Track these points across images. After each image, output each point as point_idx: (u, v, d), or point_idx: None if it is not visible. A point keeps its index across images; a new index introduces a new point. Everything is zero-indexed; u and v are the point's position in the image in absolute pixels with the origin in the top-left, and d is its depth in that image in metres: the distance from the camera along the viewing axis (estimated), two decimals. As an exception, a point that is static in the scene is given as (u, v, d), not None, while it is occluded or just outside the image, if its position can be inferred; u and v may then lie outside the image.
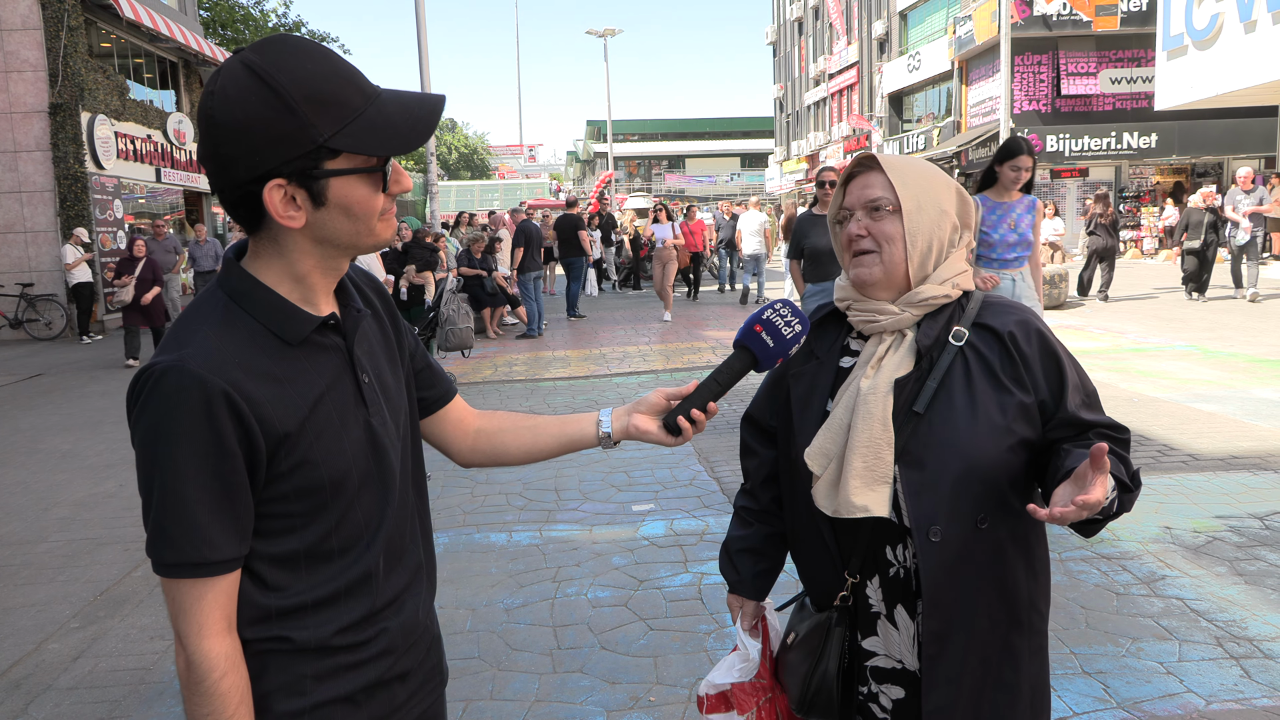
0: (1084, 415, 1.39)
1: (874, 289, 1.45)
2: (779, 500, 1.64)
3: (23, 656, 3.54)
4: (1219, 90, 12.57)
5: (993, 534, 1.38)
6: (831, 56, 39.69)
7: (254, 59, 1.02)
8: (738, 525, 1.68)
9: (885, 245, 1.43)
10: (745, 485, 1.69)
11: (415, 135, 1.07)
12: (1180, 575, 3.73)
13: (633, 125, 68.83)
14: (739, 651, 1.61)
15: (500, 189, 43.04)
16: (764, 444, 1.66)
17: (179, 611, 1.05)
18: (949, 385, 1.39)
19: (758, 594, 1.64)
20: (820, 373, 1.50)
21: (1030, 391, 1.38)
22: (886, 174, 1.45)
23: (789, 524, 1.59)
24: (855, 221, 1.44)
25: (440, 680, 1.32)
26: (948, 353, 1.40)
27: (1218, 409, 6.41)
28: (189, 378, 1.01)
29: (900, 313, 1.43)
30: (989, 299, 1.47)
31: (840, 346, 1.52)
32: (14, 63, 14.91)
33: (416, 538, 1.26)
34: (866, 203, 1.44)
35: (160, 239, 14.32)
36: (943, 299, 1.44)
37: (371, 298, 1.28)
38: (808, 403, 1.49)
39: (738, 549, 1.65)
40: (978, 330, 1.42)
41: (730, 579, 1.65)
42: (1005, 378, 1.38)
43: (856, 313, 1.48)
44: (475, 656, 3.33)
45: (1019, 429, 1.35)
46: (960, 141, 25.00)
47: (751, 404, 1.68)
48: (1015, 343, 1.40)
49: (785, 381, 1.56)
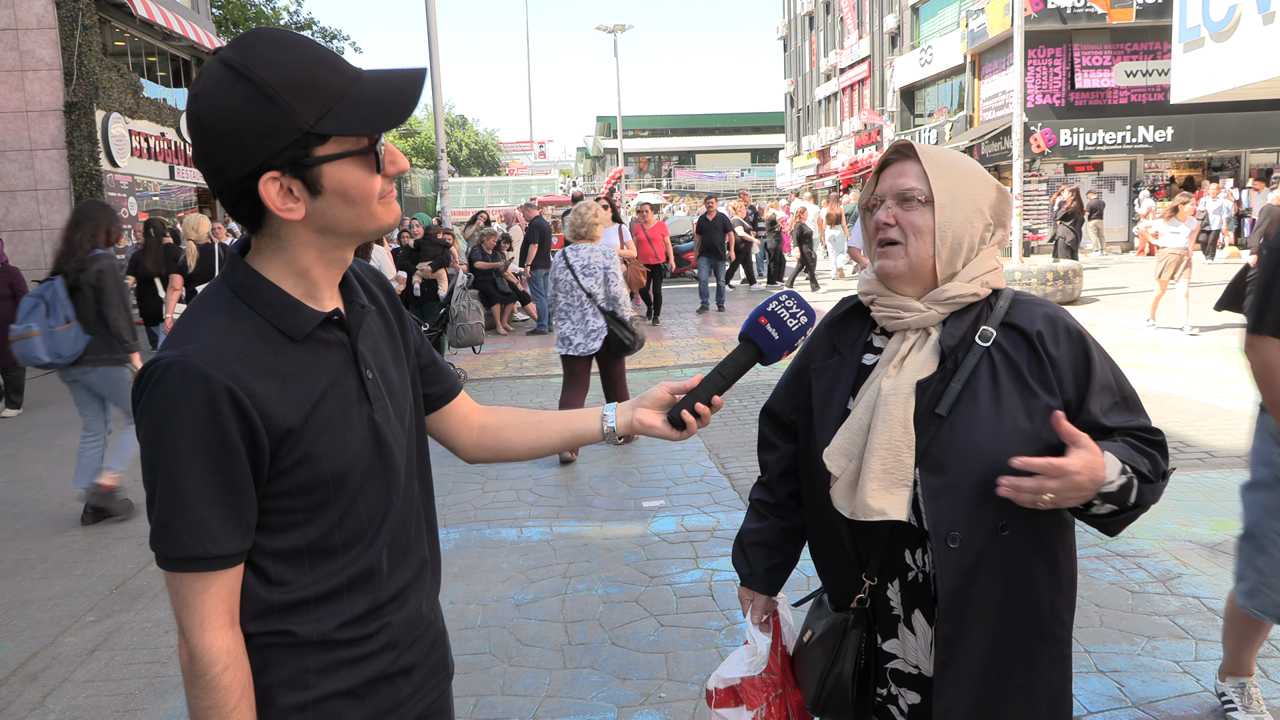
0: (1106, 420, 1.34)
1: (898, 283, 1.41)
2: (796, 495, 1.62)
3: (40, 649, 3.57)
4: (1236, 83, 12.42)
5: (1014, 541, 1.34)
6: (842, 51, 39.50)
7: (230, 55, 1.03)
8: (752, 518, 1.66)
9: (913, 237, 1.39)
10: (762, 478, 1.67)
11: (399, 109, 1.07)
12: (1197, 573, 3.70)
13: (643, 121, 68.73)
14: (748, 645, 1.60)
15: (510, 185, 43.06)
16: (783, 438, 1.63)
17: (182, 605, 1.05)
18: (974, 387, 1.34)
19: (770, 588, 1.63)
20: (842, 369, 1.47)
21: (1057, 394, 1.34)
22: (922, 164, 1.40)
23: (808, 520, 1.57)
24: (885, 209, 1.40)
25: (445, 675, 1.32)
26: (973, 353, 1.36)
27: (1235, 405, 6.34)
28: (192, 373, 1.01)
29: (925, 310, 1.39)
30: (1019, 297, 1.43)
31: (863, 343, 1.48)
32: (29, 62, 15.02)
33: (421, 533, 1.26)
34: (899, 192, 1.40)
35: None
36: (970, 297, 1.39)
37: (377, 293, 1.27)
38: (829, 399, 1.46)
39: (751, 542, 1.63)
40: (1005, 330, 1.38)
41: (742, 572, 1.64)
42: (1033, 380, 1.34)
43: (880, 308, 1.44)
44: (486, 652, 3.33)
45: (1047, 434, 1.29)
46: (973, 136, 24.83)
47: (771, 397, 1.66)
48: (1043, 342, 1.35)
49: (807, 376, 1.53)
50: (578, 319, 5.86)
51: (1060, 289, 12.57)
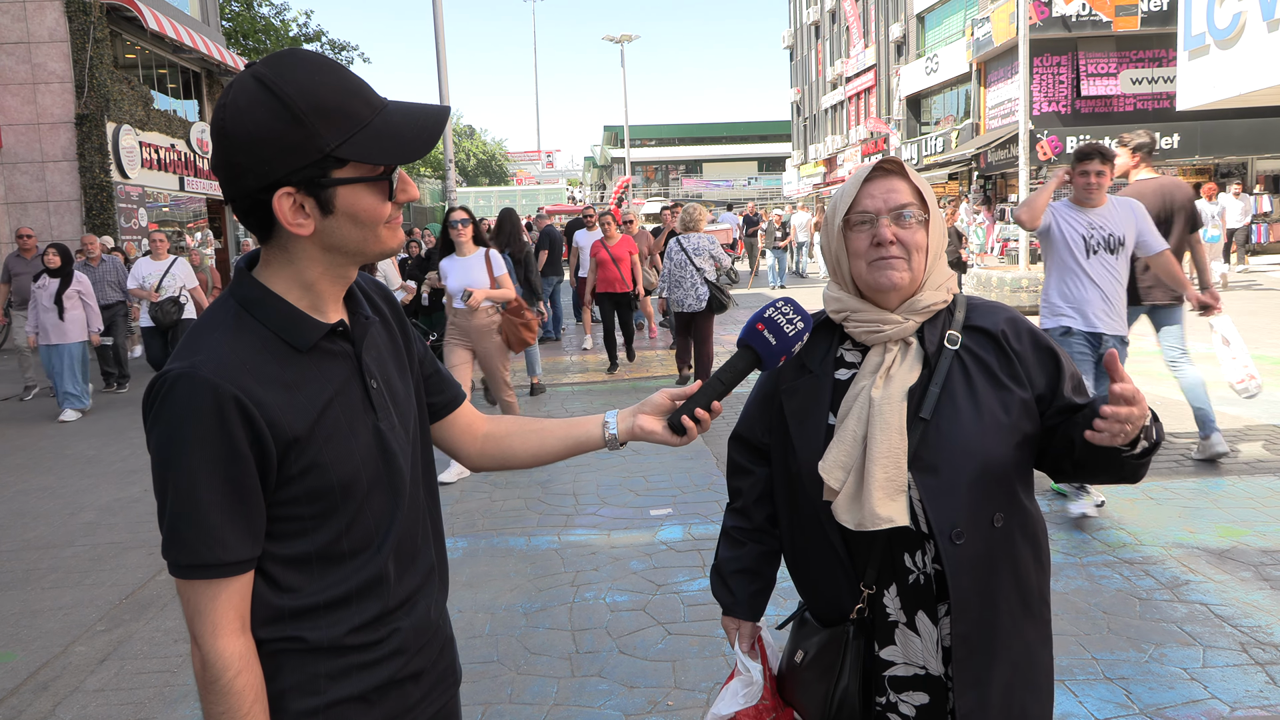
0: (1077, 399, 1.42)
1: (890, 296, 1.44)
2: (773, 518, 1.62)
3: (50, 659, 3.60)
4: (1242, 90, 12.40)
5: (1006, 530, 1.40)
6: (848, 60, 39.57)
7: (264, 72, 1.05)
8: (728, 546, 1.65)
9: (914, 254, 1.42)
10: (734, 504, 1.66)
11: (420, 144, 1.10)
12: (1204, 580, 3.69)
13: (650, 130, 68.92)
14: (741, 676, 1.58)
15: (518, 195, 43.22)
16: (756, 462, 1.64)
17: (194, 612, 1.07)
18: (950, 389, 1.40)
19: (754, 614, 1.62)
20: (816, 386, 1.48)
21: (1027, 387, 1.41)
22: (913, 181, 1.44)
23: (789, 541, 1.57)
24: (884, 226, 1.41)
25: (453, 681, 1.34)
26: (945, 357, 1.42)
27: (1243, 412, 6.33)
28: (201, 384, 1.04)
29: (904, 321, 1.43)
30: (971, 301, 1.50)
31: (834, 359, 1.50)
32: (41, 75, 15.19)
33: (429, 540, 1.28)
34: (894, 208, 1.42)
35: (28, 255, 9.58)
36: (940, 304, 1.45)
37: (381, 305, 1.30)
38: (805, 417, 1.48)
39: (731, 570, 1.62)
40: (970, 332, 1.45)
41: (725, 601, 1.63)
42: (1004, 376, 1.41)
43: (857, 323, 1.46)
44: (494, 660, 3.34)
45: (1023, 425, 1.39)
46: (979, 144, 24.83)
47: (740, 423, 1.66)
48: (1008, 340, 1.43)
49: (777, 398, 1.54)
50: (688, 286, 7.81)
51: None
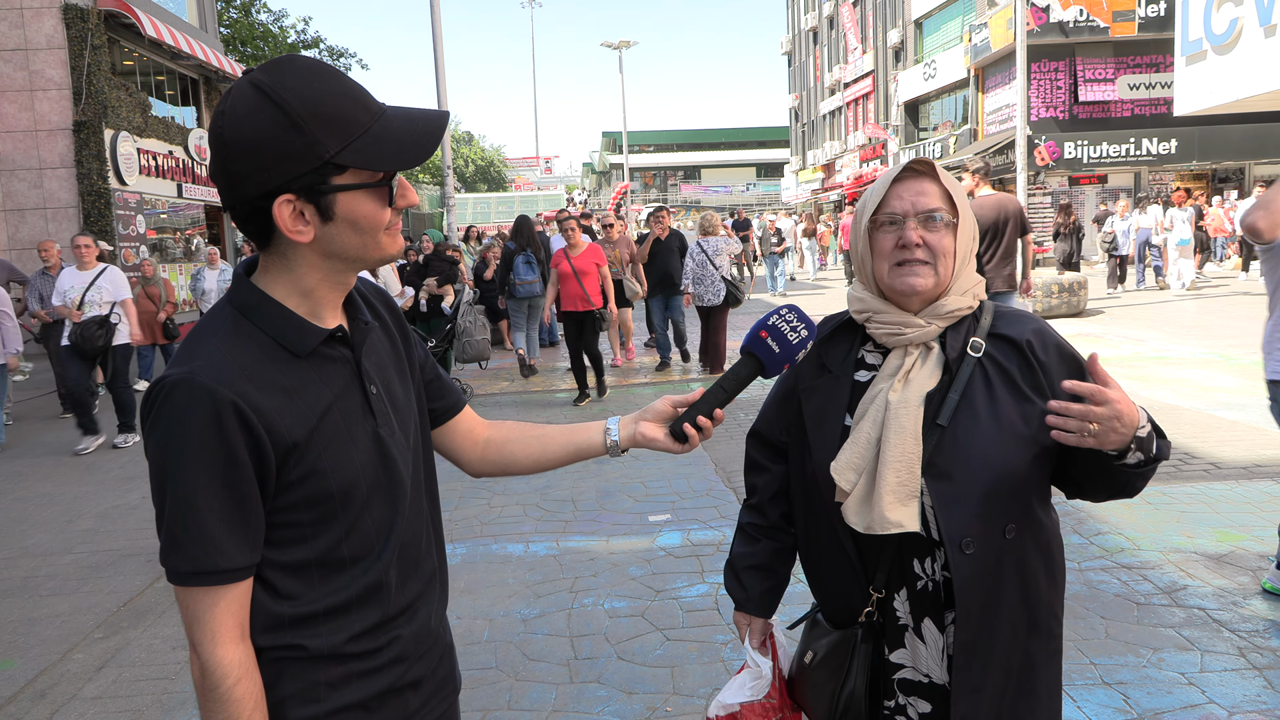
0: None
1: (914, 300, 1.43)
2: (788, 516, 1.62)
3: (48, 666, 3.59)
4: (1239, 95, 12.45)
5: (1019, 542, 1.38)
6: (847, 66, 39.67)
7: (262, 79, 1.05)
8: (743, 542, 1.66)
9: (941, 258, 1.40)
10: (750, 501, 1.67)
11: (419, 150, 1.09)
12: (1202, 585, 3.69)
13: (648, 136, 69.04)
14: (749, 670, 1.59)
15: (517, 201, 43.26)
16: (773, 459, 1.64)
17: (193, 619, 1.06)
18: (970, 397, 1.38)
19: (766, 611, 1.63)
20: (835, 387, 1.48)
21: (1050, 399, 1.37)
22: (944, 185, 1.42)
23: (803, 540, 1.57)
24: (911, 229, 1.40)
25: (453, 689, 1.33)
26: (966, 364, 1.40)
27: (1240, 417, 6.33)
28: (199, 390, 1.03)
29: (927, 325, 1.42)
30: (1000, 309, 1.47)
31: (854, 360, 1.49)
32: (39, 81, 15.18)
33: (430, 547, 1.28)
34: (922, 211, 1.41)
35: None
36: (965, 310, 1.43)
37: (380, 310, 1.30)
38: (823, 417, 1.47)
39: (745, 566, 1.63)
40: (994, 340, 1.42)
41: (738, 597, 1.63)
42: (1026, 386, 1.38)
43: (879, 325, 1.45)
44: (493, 666, 3.34)
45: (1043, 438, 1.34)
46: (977, 149, 24.88)
47: (758, 420, 1.66)
48: (1033, 351, 1.40)
49: (796, 396, 1.54)
50: (708, 283, 9.20)
51: (1065, 301, 12.57)
